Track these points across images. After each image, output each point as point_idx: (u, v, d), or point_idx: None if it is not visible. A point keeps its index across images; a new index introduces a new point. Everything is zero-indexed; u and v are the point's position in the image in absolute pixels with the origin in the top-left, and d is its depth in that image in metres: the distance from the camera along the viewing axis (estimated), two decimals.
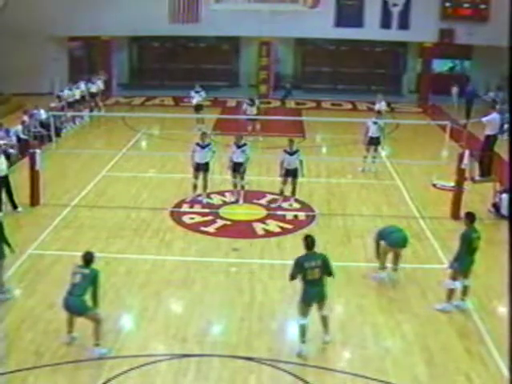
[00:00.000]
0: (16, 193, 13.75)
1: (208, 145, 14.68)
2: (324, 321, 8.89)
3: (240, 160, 14.54)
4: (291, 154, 14.31)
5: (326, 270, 8.66)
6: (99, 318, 8.58)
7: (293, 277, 8.69)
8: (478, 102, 24.30)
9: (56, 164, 16.90)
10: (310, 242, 8.71)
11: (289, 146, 14.43)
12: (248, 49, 30.26)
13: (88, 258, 8.59)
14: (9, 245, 10.04)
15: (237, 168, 14.62)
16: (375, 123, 17.38)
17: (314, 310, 8.78)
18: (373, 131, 17.25)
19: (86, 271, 8.48)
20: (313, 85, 30.45)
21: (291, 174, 14.31)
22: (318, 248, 11.31)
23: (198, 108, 22.10)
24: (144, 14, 25.86)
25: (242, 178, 14.74)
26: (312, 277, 8.53)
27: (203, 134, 14.99)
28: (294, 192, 14.52)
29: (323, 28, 27.34)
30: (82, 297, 8.45)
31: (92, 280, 8.49)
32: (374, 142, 17.34)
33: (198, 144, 14.57)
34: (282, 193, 14.51)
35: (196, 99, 22.06)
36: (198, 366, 8.42)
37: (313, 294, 8.64)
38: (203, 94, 22.38)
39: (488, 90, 26.72)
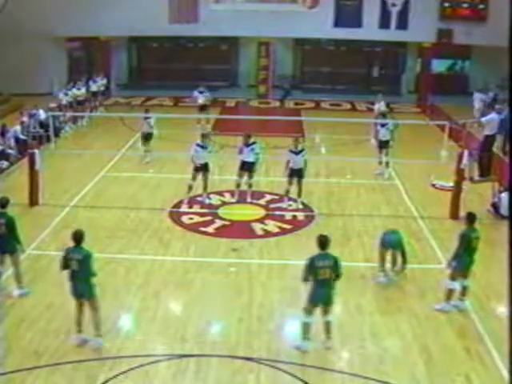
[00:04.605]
0: (15, 193, 13.72)
1: (207, 145, 14.62)
2: (327, 326, 8.85)
3: (250, 159, 14.50)
4: (297, 153, 14.15)
5: (336, 271, 8.61)
6: (98, 306, 8.70)
7: (306, 278, 8.62)
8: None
9: (55, 164, 16.87)
10: (323, 241, 8.64)
11: (294, 144, 14.29)
12: (247, 49, 30.25)
13: (78, 238, 8.63)
14: (19, 242, 10.19)
15: (245, 167, 14.58)
16: (383, 126, 17.03)
17: (317, 311, 8.79)
18: (384, 134, 16.87)
19: (79, 256, 8.53)
20: (312, 85, 30.47)
21: (296, 174, 14.16)
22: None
23: (203, 108, 22.05)
24: (143, 15, 25.86)
25: (251, 177, 14.72)
26: (323, 276, 8.51)
27: (203, 134, 14.95)
28: (300, 194, 14.36)
29: (322, 28, 27.37)
30: (88, 281, 8.58)
31: (87, 262, 8.56)
32: (384, 145, 16.97)
33: (197, 144, 14.53)
34: (287, 193, 14.43)
35: (200, 99, 22.00)
36: (197, 366, 8.42)
37: (321, 294, 8.64)
38: (207, 94, 22.30)
39: (487, 90, 26.72)
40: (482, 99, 24.80)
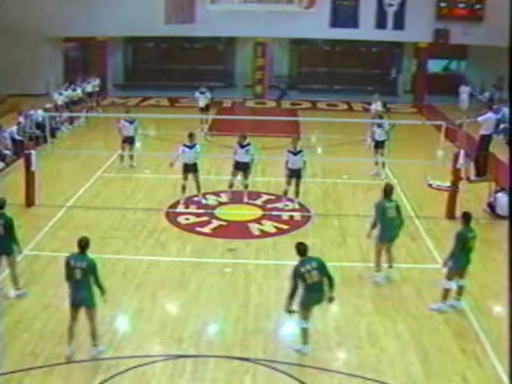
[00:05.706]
0: (11, 193, 13.69)
1: (194, 145, 14.50)
2: None
3: (244, 160, 14.47)
4: (295, 153, 14.12)
5: (325, 272, 8.59)
6: (96, 316, 8.60)
7: (293, 288, 8.55)
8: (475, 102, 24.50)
9: (51, 165, 16.85)
10: (302, 249, 8.67)
11: (292, 145, 14.29)
12: (243, 49, 30.25)
13: (83, 244, 8.53)
14: (17, 243, 10.18)
15: (239, 167, 14.56)
16: (379, 126, 17.11)
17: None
18: (380, 135, 16.96)
19: (84, 265, 8.42)
20: (308, 85, 30.48)
21: (295, 174, 14.11)
22: (314, 248, 11.38)
23: (204, 109, 21.99)
24: (139, 15, 25.84)
25: (246, 178, 14.70)
26: (311, 280, 8.49)
27: (190, 134, 14.80)
28: (297, 194, 14.34)
29: (318, 28, 27.37)
30: (91, 290, 8.49)
31: (91, 272, 8.46)
32: (380, 145, 17.04)
33: (184, 145, 14.48)
34: (285, 193, 14.41)
35: (201, 100, 21.93)
36: (194, 367, 8.42)
37: (313, 298, 8.63)
38: (208, 94, 22.22)
39: (483, 90, 26.80)
40: (467, 92, 24.98)
